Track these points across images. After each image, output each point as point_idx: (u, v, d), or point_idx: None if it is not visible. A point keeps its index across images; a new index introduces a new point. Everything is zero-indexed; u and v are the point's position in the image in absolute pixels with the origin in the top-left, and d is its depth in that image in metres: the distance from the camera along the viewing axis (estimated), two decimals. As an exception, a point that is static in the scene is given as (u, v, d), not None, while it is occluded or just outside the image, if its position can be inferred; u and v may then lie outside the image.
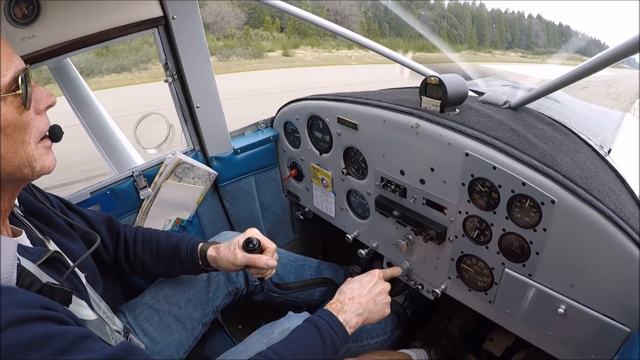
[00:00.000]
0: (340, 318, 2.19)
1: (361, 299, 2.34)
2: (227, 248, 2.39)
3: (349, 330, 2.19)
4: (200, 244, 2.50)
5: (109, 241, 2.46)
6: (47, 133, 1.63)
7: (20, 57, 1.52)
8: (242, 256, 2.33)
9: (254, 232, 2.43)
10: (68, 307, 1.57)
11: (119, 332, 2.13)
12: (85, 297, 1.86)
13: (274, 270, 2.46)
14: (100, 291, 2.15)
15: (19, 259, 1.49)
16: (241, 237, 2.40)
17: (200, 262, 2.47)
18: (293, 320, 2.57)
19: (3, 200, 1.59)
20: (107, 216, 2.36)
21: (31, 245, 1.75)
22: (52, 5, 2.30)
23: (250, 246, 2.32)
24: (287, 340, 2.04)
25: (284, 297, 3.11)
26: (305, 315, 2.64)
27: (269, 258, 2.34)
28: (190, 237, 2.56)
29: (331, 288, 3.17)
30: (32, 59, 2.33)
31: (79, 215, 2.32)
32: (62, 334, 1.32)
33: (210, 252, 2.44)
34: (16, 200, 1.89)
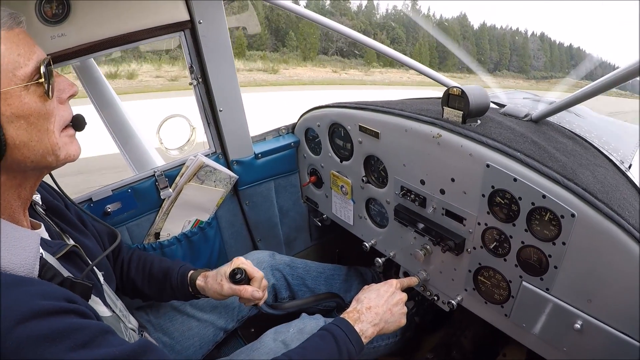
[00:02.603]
0: (357, 328, 2.18)
1: (378, 309, 2.33)
2: (214, 278, 2.39)
3: (364, 340, 2.19)
4: (191, 272, 2.50)
5: (111, 256, 2.48)
6: (71, 122, 1.67)
7: (49, 54, 1.55)
8: (228, 287, 2.33)
9: (240, 262, 2.42)
10: (87, 302, 1.60)
11: (133, 330, 2.16)
12: (100, 294, 1.88)
13: (264, 298, 2.43)
14: (114, 288, 2.18)
15: (41, 252, 1.53)
16: (228, 267, 2.39)
17: (191, 290, 2.48)
18: (307, 321, 2.60)
19: (25, 189, 1.62)
20: (113, 232, 2.37)
21: (50, 239, 1.77)
22: (82, 5, 2.35)
23: (237, 277, 2.31)
24: (302, 348, 2.04)
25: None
26: (318, 317, 2.67)
27: (255, 289, 2.32)
28: (181, 264, 2.57)
29: (336, 301, 3.17)
30: (60, 57, 2.39)
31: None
32: (84, 327, 1.34)
33: (199, 281, 2.44)
34: (39, 198, 1.93)
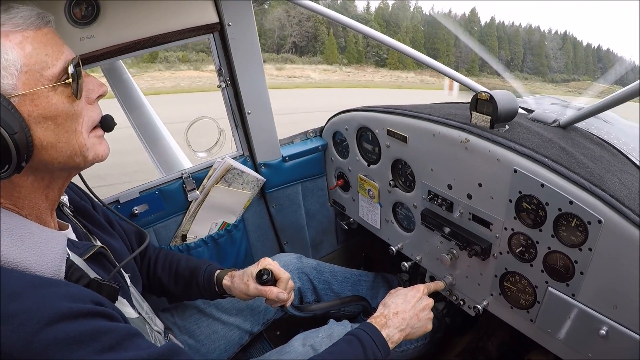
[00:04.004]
0: (384, 333, 2.18)
1: (405, 314, 2.33)
2: (241, 278, 2.40)
3: (391, 346, 2.18)
4: (217, 271, 2.51)
5: (138, 256, 2.51)
6: (100, 123, 1.68)
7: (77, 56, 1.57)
8: (254, 288, 2.33)
9: (267, 263, 2.43)
10: (114, 303, 1.62)
11: (159, 333, 2.18)
12: (127, 295, 1.90)
13: (291, 299, 2.45)
14: (140, 289, 2.21)
15: (68, 253, 1.54)
16: (254, 268, 2.40)
17: (217, 289, 2.49)
18: (335, 327, 2.60)
19: (53, 190, 1.63)
20: (139, 231, 2.40)
21: (77, 240, 1.80)
22: (111, 7, 2.38)
23: (264, 278, 2.32)
24: (329, 352, 2.05)
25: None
26: (346, 324, 2.66)
27: (280, 291, 2.33)
28: (208, 263, 2.58)
29: (363, 305, 3.17)
30: (89, 59, 2.42)
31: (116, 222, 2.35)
32: (111, 330, 1.36)
33: (226, 280, 2.45)
34: (66, 199, 1.95)
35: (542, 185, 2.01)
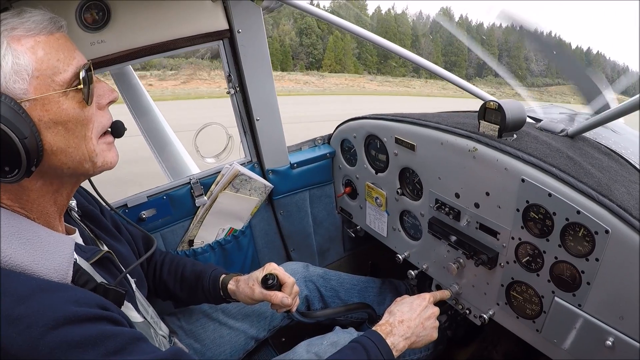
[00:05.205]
0: (389, 341, 2.16)
1: (410, 322, 2.31)
2: (246, 283, 2.40)
3: (395, 354, 2.17)
4: (223, 276, 2.51)
5: (144, 261, 2.48)
6: (110, 129, 1.69)
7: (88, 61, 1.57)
8: (259, 292, 2.33)
9: (272, 268, 2.43)
10: (120, 308, 1.62)
11: (164, 337, 2.19)
12: (133, 300, 1.91)
13: (296, 305, 2.45)
14: (146, 294, 2.21)
15: (75, 257, 1.55)
16: (260, 273, 2.40)
17: (222, 293, 2.49)
18: (340, 334, 2.58)
19: (61, 195, 1.64)
20: (146, 235, 2.40)
21: (84, 244, 1.80)
22: (122, 12, 2.40)
23: (269, 283, 2.32)
24: None
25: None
26: (351, 331, 2.64)
27: (285, 296, 2.33)
28: (213, 267, 2.58)
29: (368, 312, 3.15)
30: (99, 64, 2.44)
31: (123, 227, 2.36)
32: (116, 334, 1.37)
33: (231, 285, 2.45)
34: (75, 204, 1.96)
35: (550, 194, 2.01)
